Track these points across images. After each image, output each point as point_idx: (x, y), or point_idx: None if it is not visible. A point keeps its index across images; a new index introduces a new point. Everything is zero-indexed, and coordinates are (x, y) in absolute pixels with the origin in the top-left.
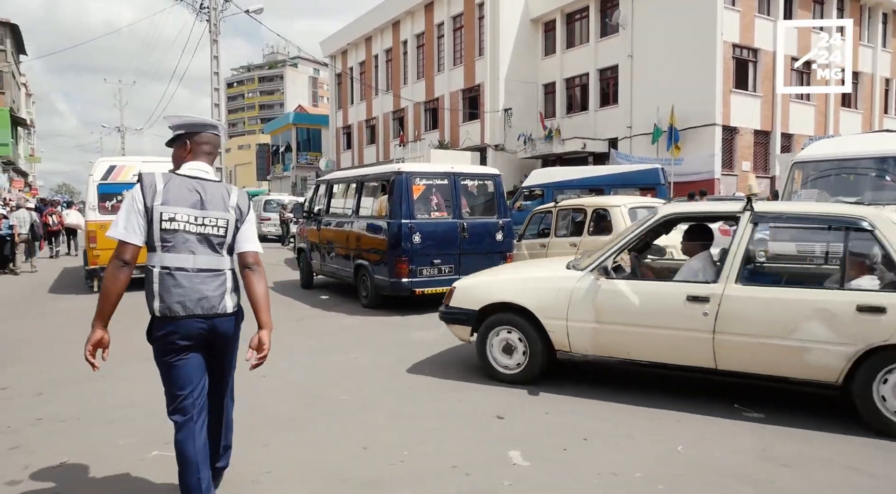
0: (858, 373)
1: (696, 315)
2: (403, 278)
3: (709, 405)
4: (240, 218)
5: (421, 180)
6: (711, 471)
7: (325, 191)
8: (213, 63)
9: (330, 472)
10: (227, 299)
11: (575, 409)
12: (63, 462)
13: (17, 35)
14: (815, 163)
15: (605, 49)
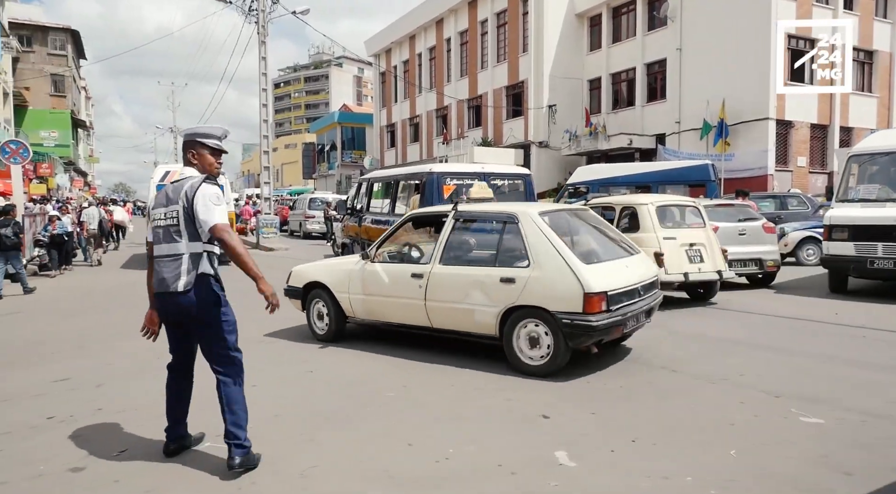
0: (505, 327)
1: (415, 287)
2: None
3: (765, 409)
4: (186, 205)
5: (451, 180)
6: (766, 477)
7: (365, 190)
8: (261, 64)
9: (376, 468)
10: (180, 280)
11: (623, 410)
12: (122, 452)
13: (78, 41)
14: (874, 155)
15: (653, 43)
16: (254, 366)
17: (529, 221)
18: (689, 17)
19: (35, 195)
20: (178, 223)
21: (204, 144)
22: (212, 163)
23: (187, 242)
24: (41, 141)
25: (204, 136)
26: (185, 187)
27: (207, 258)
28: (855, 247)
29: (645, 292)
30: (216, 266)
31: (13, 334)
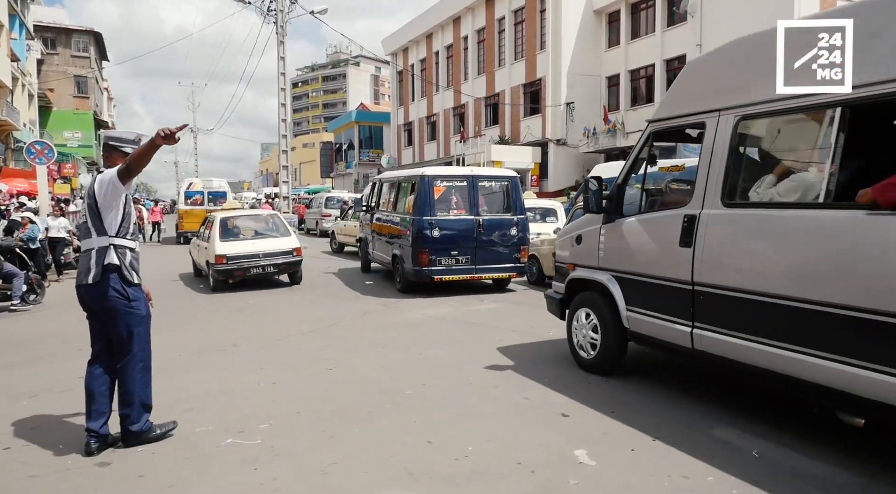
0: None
1: None
2: (424, 267)
3: (787, 407)
4: (91, 202)
5: (442, 182)
6: (791, 478)
7: (377, 190)
8: (280, 64)
9: (396, 466)
10: (91, 273)
11: (643, 409)
12: (145, 448)
13: (101, 43)
14: None
15: (673, 38)
16: (274, 364)
17: (215, 219)
18: (709, 13)
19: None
20: (86, 219)
21: (116, 148)
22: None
23: (99, 237)
24: (65, 141)
25: (117, 141)
26: (88, 187)
27: (115, 251)
28: None
29: (265, 257)
30: (126, 261)
31: (39, 330)
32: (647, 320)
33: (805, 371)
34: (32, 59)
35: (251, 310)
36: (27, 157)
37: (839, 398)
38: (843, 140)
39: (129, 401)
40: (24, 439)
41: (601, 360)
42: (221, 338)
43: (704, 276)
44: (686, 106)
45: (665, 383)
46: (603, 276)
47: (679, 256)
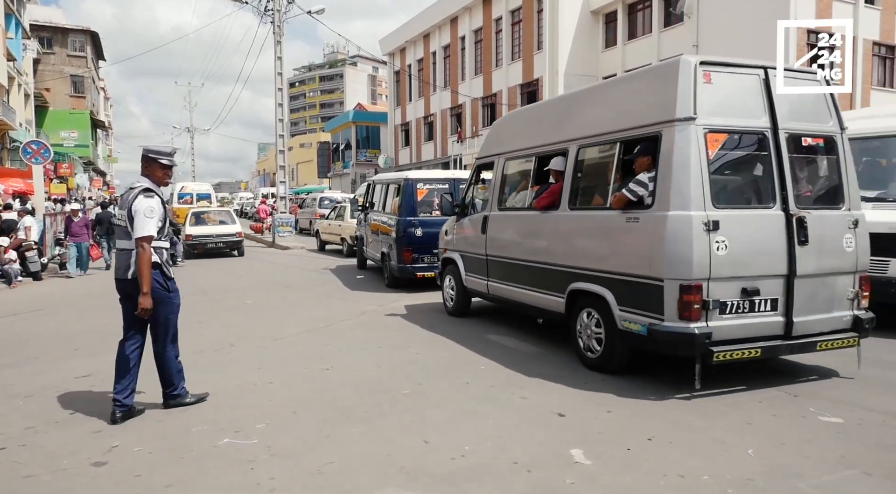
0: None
1: None
2: (408, 264)
3: (783, 408)
4: (126, 214)
5: (425, 185)
6: (784, 476)
7: (371, 191)
8: (277, 64)
9: (393, 465)
10: (130, 270)
11: (638, 408)
12: (141, 447)
13: (97, 42)
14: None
15: (669, 39)
16: (271, 364)
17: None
18: (705, 14)
19: (55, 195)
20: (125, 225)
21: (154, 160)
22: (161, 176)
23: (132, 241)
24: (61, 141)
25: (156, 154)
26: (129, 197)
27: (154, 252)
28: None
29: (217, 237)
30: (163, 259)
31: (37, 330)
32: (472, 280)
33: (528, 298)
34: (29, 58)
35: (248, 310)
36: (23, 157)
37: (535, 310)
38: (535, 173)
39: (168, 376)
40: (20, 439)
41: (456, 307)
42: (218, 338)
43: (490, 250)
44: (486, 150)
45: (661, 384)
46: (455, 255)
47: (481, 240)
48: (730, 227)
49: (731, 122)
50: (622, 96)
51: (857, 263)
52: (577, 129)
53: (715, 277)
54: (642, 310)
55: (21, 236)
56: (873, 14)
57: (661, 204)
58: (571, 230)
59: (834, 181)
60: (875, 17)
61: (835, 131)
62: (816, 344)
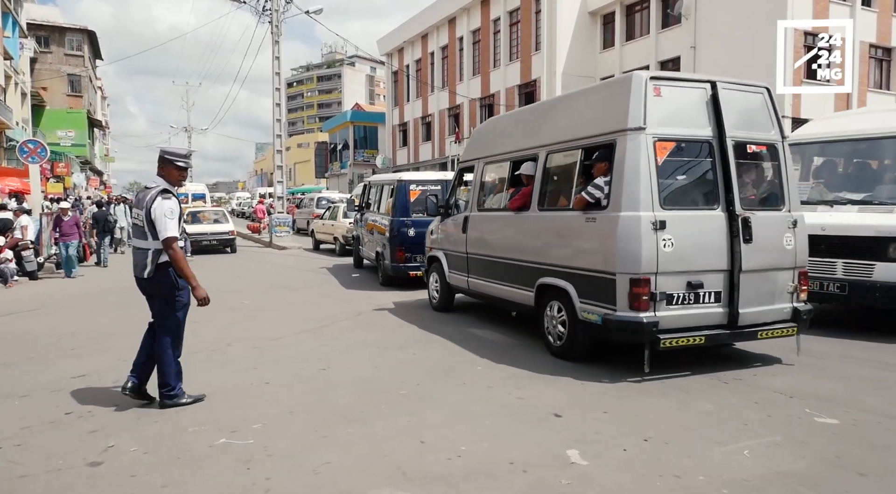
0: None
1: None
2: (401, 263)
3: (778, 409)
4: (145, 215)
5: (417, 186)
6: (779, 477)
7: (366, 192)
8: (275, 63)
9: (389, 465)
10: (147, 269)
11: (635, 409)
12: (137, 447)
13: (94, 41)
14: (817, 144)
15: (667, 40)
16: (268, 364)
17: (185, 211)
18: (703, 15)
19: (52, 194)
20: (143, 225)
21: (171, 162)
22: (177, 177)
23: (151, 240)
24: (58, 140)
25: (172, 155)
26: (147, 198)
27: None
28: None
29: (212, 235)
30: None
31: (33, 330)
32: (454, 276)
33: (503, 292)
34: (25, 57)
35: (245, 311)
36: (20, 156)
37: (509, 304)
38: (509, 176)
39: (165, 376)
40: (16, 439)
41: (440, 303)
42: (215, 339)
43: (470, 249)
44: (467, 155)
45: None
46: (439, 253)
47: (462, 239)
48: (676, 227)
49: (678, 132)
50: (583, 107)
51: (797, 260)
52: (545, 137)
53: (662, 271)
54: (598, 302)
55: (17, 235)
56: (870, 16)
57: (614, 205)
58: (540, 229)
59: (776, 185)
60: (872, 20)
61: (777, 140)
62: (758, 333)
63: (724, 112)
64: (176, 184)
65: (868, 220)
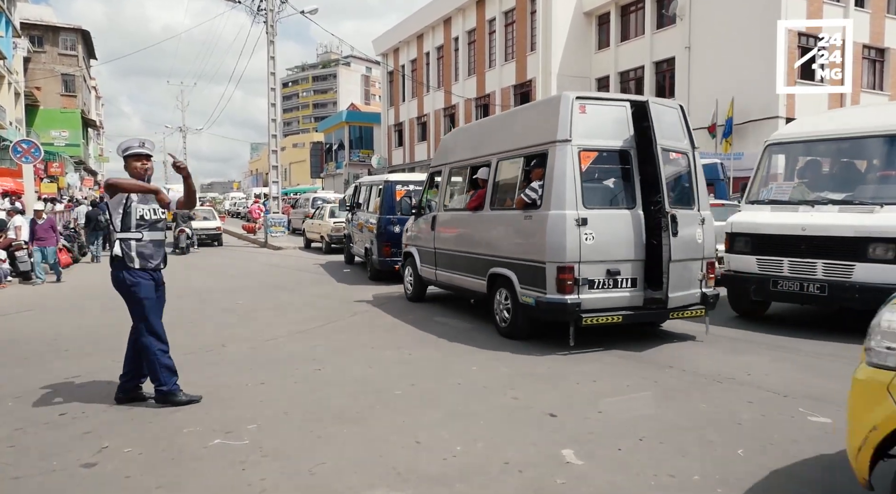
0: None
1: None
2: (387, 257)
3: (772, 408)
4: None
5: (403, 186)
6: (774, 477)
7: (357, 192)
8: (270, 63)
9: (384, 465)
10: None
11: (630, 409)
12: (132, 448)
13: (88, 41)
14: (800, 144)
15: (662, 41)
16: (262, 364)
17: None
18: (698, 15)
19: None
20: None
21: (127, 156)
22: (138, 168)
23: (113, 233)
24: (52, 140)
25: (125, 149)
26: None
27: (120, 244)
28: (757, 262)
29: (202, 231)
30: (129, 251)
31: (26, 331)
32: (425, 270)
33: (464, 282)
34: (19, 56)
35: (240, 311)
36: (13, 156)
37: (469, 292)
38: (468, 180)
39: (151, 371)
40: (9, 440)
41: (414, 294)
42: (210, 339)
43: (437, 244)
44: (436, 161)
45: (651, 385)
46: (413, 249)
47: (431, 236)
48: (596, 223)
49: (600, 143)
50: (525, 121)
51: (705, 252)
52: (496, 146)
53: (584, 261)
54: (534, 287)
55: (11, 236)
56: (863, 17)
57: (545, 205)
58: (491, 226)
59: (688, 187)
60: (865, 20)
61: (688, 149)
62: (671, 313)
63: (655, 125)
64: (140, 176)
65: (848, 221)
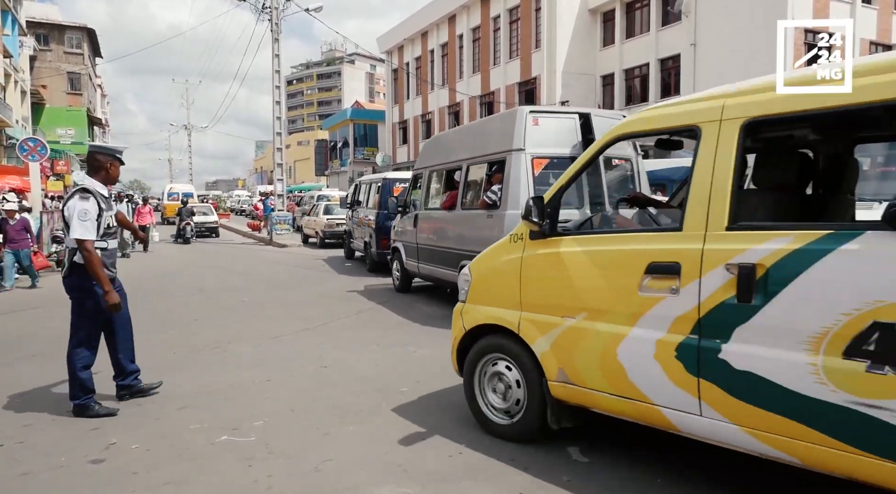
0: None
1: None
2: (385, 250)
3: None
4: (64, 213)
5: (400, 183)
6: (783, 477)
7: (357, 190)
8: (275, 61)
9: (390, 462)
10: (65, 268)
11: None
12: (139, 445)
13: (94, 39)
14: None
15: (667, 38)
16: (268, 362)
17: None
18: (703, 12)
19: (52, 192)
20: (63, 223)
21: (119, 158)
22: (118, 171)
23: (69, 239)
24: (58, 138)
25: (119, 152)
26: (67, 197)
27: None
28: None
29: (201, 224)
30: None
31: (34, 328)
32: (409, 263)
33: (440, 274)
34: (25, 55)
35: (245, 309)
36: (20, 154)
37: (445, 282)
38: (444, 182)
39: (71, 382)
40: (18, 436)
41: (400, 286)
42: (215, 337)
43: (419, 240)
44: (418, 164)
45: None
46: (399, 244)
47: (413, 232)
48: None
49: (551, 151)
50: (490, 131)
51: None
52: (466, 152)
53: None
54: None
55: None
56: (870, 13)
57: (503, 205)
58: (461, 224)
59: (631, 189)
60: (872, 17)
61: (632, 155)
62: None
63: (597, 134)
64: (108, 182)
65: None
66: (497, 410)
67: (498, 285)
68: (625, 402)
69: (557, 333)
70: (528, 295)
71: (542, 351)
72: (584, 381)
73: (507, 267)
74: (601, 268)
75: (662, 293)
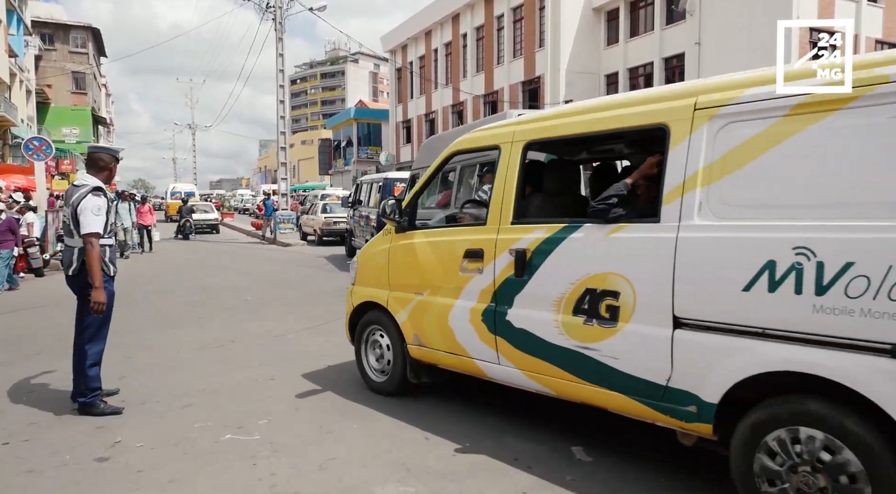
0: None
1: None
2: None
3: None
4: (73, 211)
5: (400, 183)
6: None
7: (359, 190)
8: (278, 61)
9: (393, 461)
10: (72, 267)
11: None
12: (144, 443)
13: (99, 39)
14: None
15: (671, 37)
16: (272, 360)
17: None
18: (708, 11)
19: (57, 191)
20: (70, 223)
21: (119, 158)
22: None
23: (77, 238)
24: (63, 137)
25: (117, 152)
26: (75, 195)
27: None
28: None
29: (202, 221)
30: (107, 258)
31: (38, 326)
32: None
33: None
34: (30, 54)
35: (248, 307)
36: (25, 154)
37: None
38: (440, 181)
39: (77, 380)
40: (23, 434)
41: None
42: (219, 335)
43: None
44: (416, 164)
45: None
46: None
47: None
48: None
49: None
50: None
51: None
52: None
53: None
54: None
55: (23, 232)
56: (876, 12)
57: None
58: None
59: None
60: (878, 16)
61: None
62: None
63: None
64: (109, 181)
65: None
66: (375, 370)
67: (374, 269)
68: (455, 357)
69: (412, 306)
70: (394, 277)
71: (402, 321)
72: (430, 343)
73: (379, 255)
74: (438, 255)
75: (473, 272)
